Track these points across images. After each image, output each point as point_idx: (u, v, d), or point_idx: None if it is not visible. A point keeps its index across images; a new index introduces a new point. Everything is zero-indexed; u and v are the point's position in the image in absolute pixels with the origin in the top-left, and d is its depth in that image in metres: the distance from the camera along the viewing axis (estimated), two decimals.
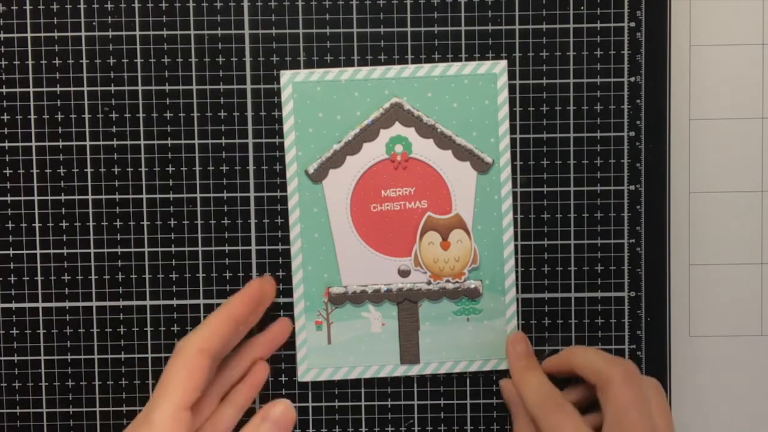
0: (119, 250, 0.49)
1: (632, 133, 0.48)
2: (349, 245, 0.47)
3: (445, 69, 0.47)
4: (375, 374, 0.48)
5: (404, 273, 0.47)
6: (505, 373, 0.48)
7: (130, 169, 0.48)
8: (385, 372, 0.48)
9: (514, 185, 0.49)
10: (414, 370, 0.48)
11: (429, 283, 0.47)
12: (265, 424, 0.45)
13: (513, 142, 0.48)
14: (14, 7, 0.48)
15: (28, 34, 0.48)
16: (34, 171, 0.48)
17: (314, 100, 0.47)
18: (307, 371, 0.48)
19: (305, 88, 0.47)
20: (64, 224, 0.48)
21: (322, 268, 0.47)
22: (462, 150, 0.47)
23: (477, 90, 0.47)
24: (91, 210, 0.48)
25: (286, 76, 0.47)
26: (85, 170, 0.48)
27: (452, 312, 0.48)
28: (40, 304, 0.49)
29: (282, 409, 0.46)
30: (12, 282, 0.49)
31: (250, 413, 0.47)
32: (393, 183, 0.47)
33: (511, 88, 0.48)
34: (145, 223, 0.48)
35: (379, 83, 0.47)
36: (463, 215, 0.47)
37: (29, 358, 0.49)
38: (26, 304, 0.49)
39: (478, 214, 0.47)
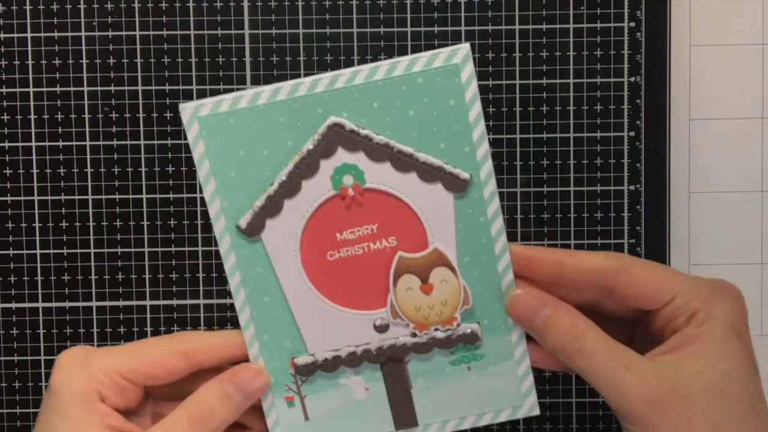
0: (119, 250, 0.49)
1: (632, 133, 0.48)
2: (308, 305, 0.38)
3: (391, 68, 0.37)
4: None
5: (381, 328, 0.39)
6: (522, 422, 0.47)
7: (130, 169, 0.48)
8: None
9: (498, 185, 0.49)
10: None
11: (414, 335, 0.39)
12: (227, 386, 0.37)
13: (512, 142, 0.48)
14: (14, 7, 0.48)
15: (28, 34, 0.48)
16: (34, 171, 0.48)
17: (230, 135, 0.37)
18: None
19: (215, 123, 0.37)
20: (64, 224, 0.48)
21: (281, 335, 0.38)
22: (428, 169, 0.37)
23: (437, 89, 0.37)
24: (91, 210, 0.48)
25: (187, 110, 0.37)
26: (85, 170, 0.48)
27: (449, 363, 0.39)
28: (40, 304, 0.49)
29: (250, 375, 0.38)
30: (12, 282, 0.49)
31: None
32: (349, 223, 0.38)
33: (511, 88, 0.48)
34: (145, 223, 0.48)
35: (309, 101, 0.37)
36: (443, 249, 0.38)
37: (29, 358, 0.49)
38: (26, 304, 0.49)
39: (463, 243, 0.38)
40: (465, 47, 0.37)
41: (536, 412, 0.40)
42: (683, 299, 0.37)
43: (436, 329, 0.39)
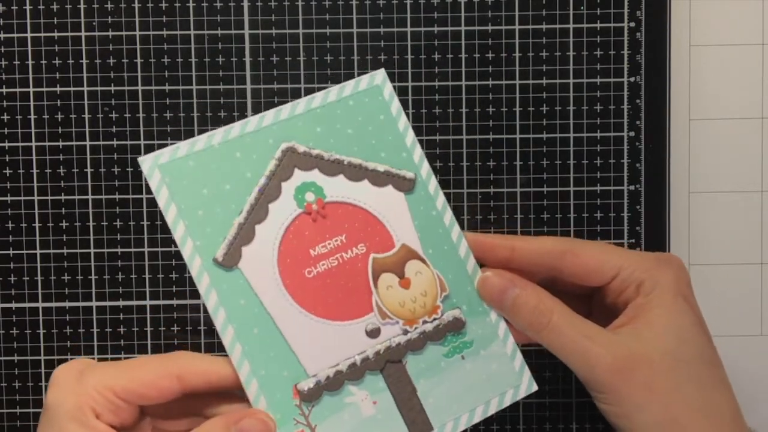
0: (119, 250, 0.49)
1: (632, 133, 0.48)
2: (298, 326, 0.39)
3: (325, 96, 0.41)
4: None
5: (373, 333, 0.39)
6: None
7: (129, 169, 0.48)
8: None
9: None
10: None
11: (405, 332, 0.40)
12: (231, 429, 0.37)
13: (512, 142, 0.48)
14: (14, 7, 0.48)
15: (28, 34, 0.48)
16: (34, 171, 0.48)
17: (191, 177, 0.38)
18: None
19: (175, 169, 0.38)
20: (64, 224, 0.48)
21: (278, 365, 0.38)
22: (378, 174, 0.40)
23: (366, 108, 0.41)
24: (91, 210, 0.48)
25: (147, 162, 0.38)
26: (85, 170, 0.48)
27: (443, 356, 0.40)
28: (40, 304, 0.49)
29: (256, 423, 0.37)
30: (12, 282, 0.49)
31: None
32: (319, 237, 0.39)
33: (511, 88, 0.48)
34: (144, 223, 0.48)
35: (259, 135, 0.39)
36: (410, 244, 0.40)
37: (29, 358, 0.49)
38: (26, 304, 0.49)
39: (424, 237, 0.41)
40: (381, 71, 0.42)
41: (534, 388, 0.41)
42: (628, 271, 0.40)
43: (425, 321, 0.40)
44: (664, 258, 0.41)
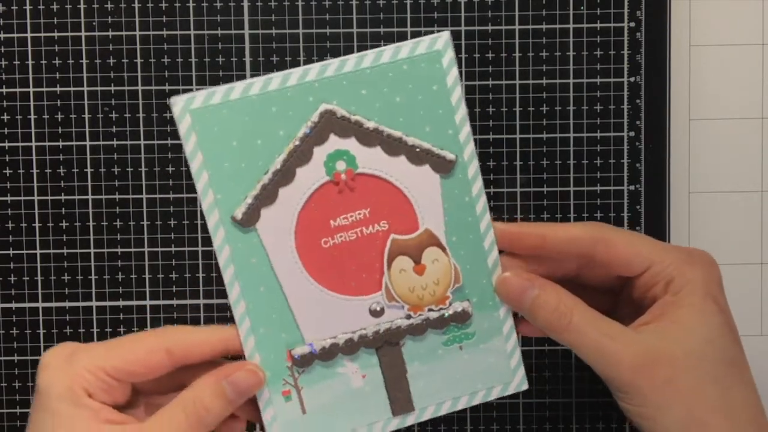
0: (119, 250, 0.49)
1: (632, 133, 0.48)
2: (304, 294, 0.38)
3: (377, 56, 0.38)
4: None
5: (377, 312, 0.39)
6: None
7: (130, 169, 0.48)
8: (376, 431, 0.40)
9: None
10: (410, 420, 0.40)
11: (409, 317, 0.39)
12: (223, 383, 0.37)
13: (512, 142, 0.48)
14: (14, 7, 0.48)
15: (28, 34, 0.48)
16: (34, 171, 0.48)
17: (223, 126, 0.37)
18: None
19: (208, 115, 0.37)
20: (64, 224, 0.48)
21: (277, 327, 0.38)
22: (417, 152, 0.38)
23: (420, 75, 0.38)
24: (91, 210, 0.48)
25: (179, 104, 0.37)
26: (85, 170, 0.48)
27: (441, 344, 0.40)
28: (40, 304, 0.49)
29: (245, 374, 0.37)
30: (12, 282, 0.49)
31: None
32: (342, 209, 0.38)
33: (511, 88, 0.48)
34: (145, 223, 0.48)
35: (300, 90, 0.38)
36: (433, 229, 0.39)
37: (29, 358, 0.49)
38: (26, 304, 0.49)
39: (450, 223, 0.39)
40: (445, 34, 0.38)
41: (525, 386, 0.41)
42: (659, 267, 0.39)
43: (430, 309, 0.39)
44: (696, 255, 0.40)
